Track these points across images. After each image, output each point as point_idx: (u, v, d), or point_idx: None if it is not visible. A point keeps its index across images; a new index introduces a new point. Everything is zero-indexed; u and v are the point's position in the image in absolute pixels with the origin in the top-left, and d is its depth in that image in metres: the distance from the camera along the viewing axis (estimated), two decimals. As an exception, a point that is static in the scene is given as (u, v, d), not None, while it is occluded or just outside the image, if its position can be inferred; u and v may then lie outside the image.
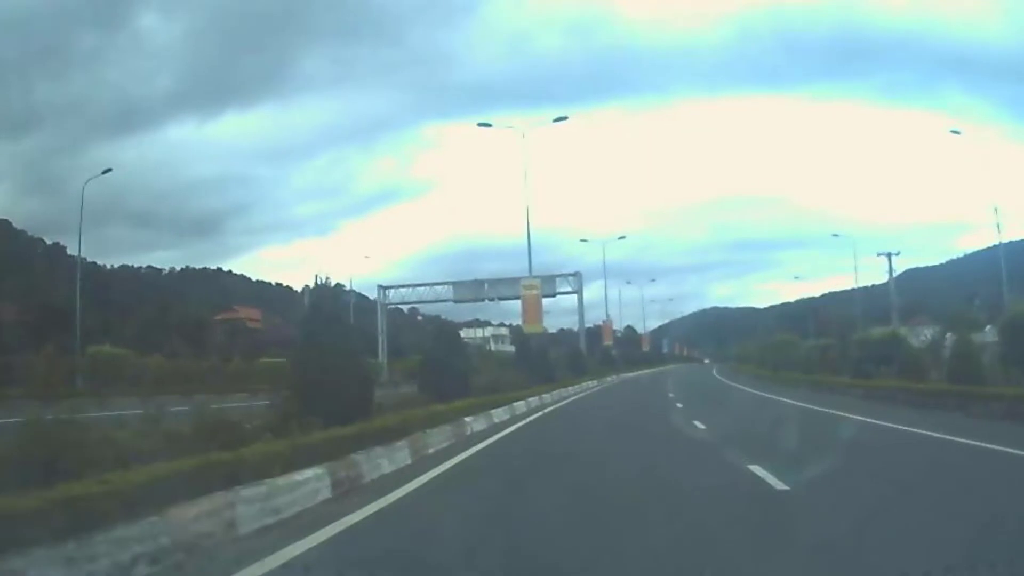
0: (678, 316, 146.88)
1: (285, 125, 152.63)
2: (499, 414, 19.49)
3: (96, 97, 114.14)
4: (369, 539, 6.34)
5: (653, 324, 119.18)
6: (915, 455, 11.77)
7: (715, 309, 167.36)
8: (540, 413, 23.70)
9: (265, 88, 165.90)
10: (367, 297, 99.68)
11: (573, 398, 34.13)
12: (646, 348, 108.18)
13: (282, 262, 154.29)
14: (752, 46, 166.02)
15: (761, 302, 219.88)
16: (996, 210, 40.97)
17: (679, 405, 25.37)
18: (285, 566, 5.30)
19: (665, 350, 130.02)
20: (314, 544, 5.89)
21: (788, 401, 27.33)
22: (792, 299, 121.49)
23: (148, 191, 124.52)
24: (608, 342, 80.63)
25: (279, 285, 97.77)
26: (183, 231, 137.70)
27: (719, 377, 65.70)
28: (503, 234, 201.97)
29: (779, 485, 8.07)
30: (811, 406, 23.58)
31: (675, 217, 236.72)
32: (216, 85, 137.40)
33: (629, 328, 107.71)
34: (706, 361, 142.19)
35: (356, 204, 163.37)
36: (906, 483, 8.84)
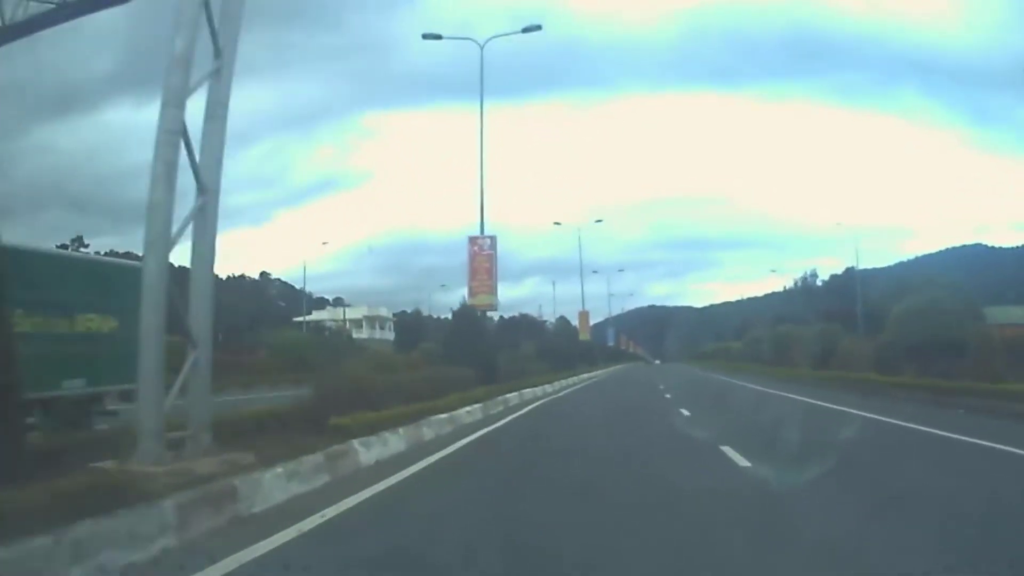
0: (615, 313, 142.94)
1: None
2: None
3: (34, 79, 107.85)
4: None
5: (590, 320, 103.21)
6: None
7: (652, 308, 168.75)
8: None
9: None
10: (293, 286, 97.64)
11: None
12: (585, 336, 75.17)
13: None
14: (702, 42, 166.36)
15: (699, 301, 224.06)
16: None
17: None
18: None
19: (611, 343, 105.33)
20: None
21: None
22: (733, 298, 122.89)
23: (86, 176, 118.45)
24: (484, 301, 29.53)
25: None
26: (121, 218, 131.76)
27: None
28: (442, 228, 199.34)
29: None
30: None
31: (614, 214, 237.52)
32: (153, 67, 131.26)
33: (563, 319, 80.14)
34: (656, 362, 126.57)
35: (293, 193, 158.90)
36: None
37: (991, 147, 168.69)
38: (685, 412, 18.29)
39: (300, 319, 71.94)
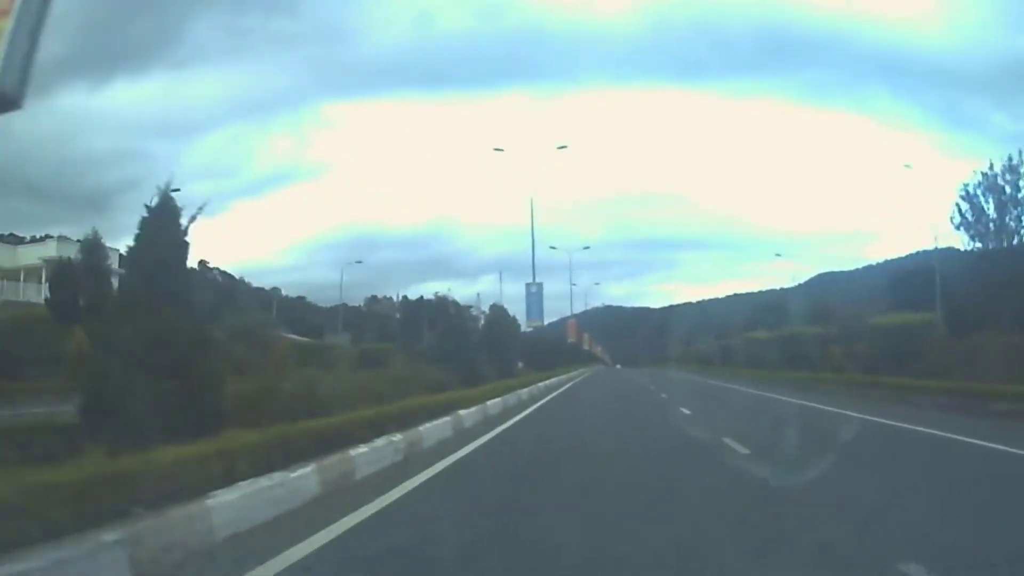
0: (569, 314, 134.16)
1: (179, 98, 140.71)
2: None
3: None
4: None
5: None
6: None
7: (608, 308, 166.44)
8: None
9: (157, 56, 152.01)
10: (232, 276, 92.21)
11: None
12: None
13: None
14: (669, 36, 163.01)
15: (656, 303, 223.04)
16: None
17: None
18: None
19: (538, 316, 56.19)
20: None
21: None
22: (694, 299, 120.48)
23: (41, 163, 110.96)
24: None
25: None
26: (75, 206, 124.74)
27: None
28: (399, 222, 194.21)
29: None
30: None
31: (571, 211, 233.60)
32: (107, 50, 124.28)
33: (498, 308, 50.93)
34: (618, 366, 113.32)
35: (249, 184, 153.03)
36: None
37: (962, 151, 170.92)
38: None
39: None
